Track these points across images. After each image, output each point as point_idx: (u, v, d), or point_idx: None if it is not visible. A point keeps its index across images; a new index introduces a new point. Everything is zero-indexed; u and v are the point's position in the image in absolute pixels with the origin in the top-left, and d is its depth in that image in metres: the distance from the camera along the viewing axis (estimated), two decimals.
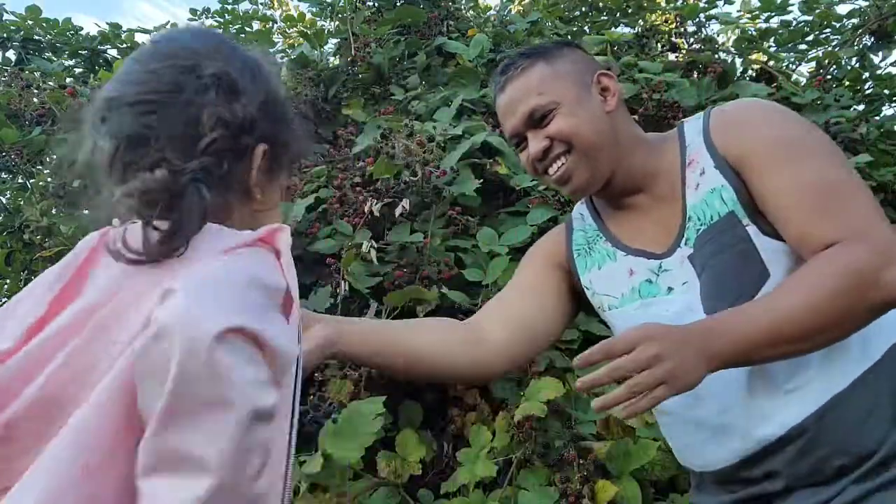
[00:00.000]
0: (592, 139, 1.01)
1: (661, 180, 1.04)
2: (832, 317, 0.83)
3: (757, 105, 1.03)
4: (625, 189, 1.06)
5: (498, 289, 1.66)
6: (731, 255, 0.94)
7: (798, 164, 0.92)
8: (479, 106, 2.33)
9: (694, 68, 2.96)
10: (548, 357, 1.55)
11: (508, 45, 2.61)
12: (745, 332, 0.82)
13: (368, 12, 2.85)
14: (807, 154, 0.93)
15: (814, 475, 0.90)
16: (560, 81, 1.04)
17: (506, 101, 1.07)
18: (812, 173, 0.91)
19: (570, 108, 1.02)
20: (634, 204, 1.07)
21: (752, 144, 0.95)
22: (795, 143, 0.94)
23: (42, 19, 3.05)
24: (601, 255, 1.10)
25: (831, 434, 0.88)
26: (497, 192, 2.13)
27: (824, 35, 3.37)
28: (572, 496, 1.34)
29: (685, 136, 1.04)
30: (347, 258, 1.66)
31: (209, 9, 3.57)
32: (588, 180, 1.04)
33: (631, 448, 1.42)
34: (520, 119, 1.04)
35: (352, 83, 2.66)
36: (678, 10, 3.33)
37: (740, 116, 1.00)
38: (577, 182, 1.04)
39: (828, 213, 0.88)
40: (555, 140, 1.02)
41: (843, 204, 0.89)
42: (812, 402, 0.89)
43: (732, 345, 0.82)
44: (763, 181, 0.93)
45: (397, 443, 1.57)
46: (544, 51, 1.08)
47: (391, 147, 1.84)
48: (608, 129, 1.03)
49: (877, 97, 3.10)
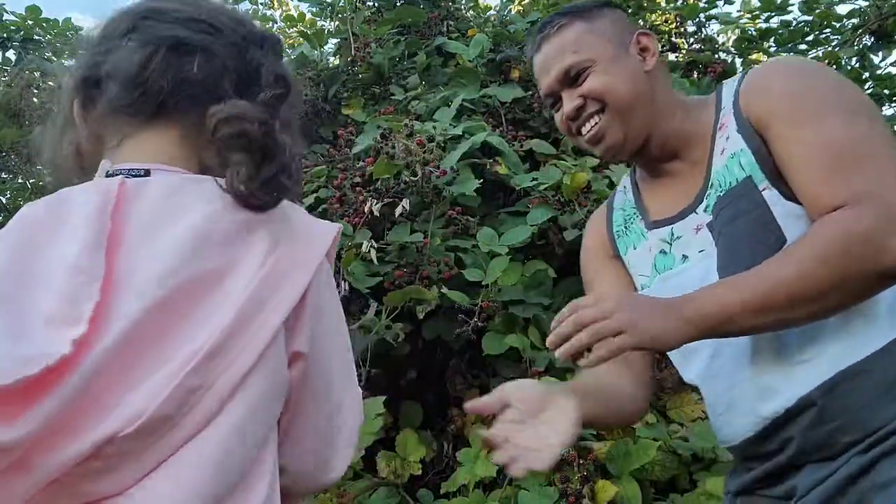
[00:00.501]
0: (627, 98, 0.98)
1: (695, 145, 1.00)
2: (826, 283, 0.79)
3: (782, 63, 1.01)
4: (662, 154, 1.03)
5: (498, 289, 1.66)
6: (747, 221, 0.90)
7: (816, 123, 0.87)
8: (479, 106, 2.33)
9: (694, 68, 2.96)
10: (548, 357, 1.55)
11: (508, 45, 2.61)
12: (723, 297, 0.81)
13: (368, 12, 2.85)
14: (829, 112, 0.88)
15: (823, 449, 0.86)
16: (597, 39, 1.01)
17: (541, 60, 1.04)
18: (831, 131, 0.86)
19: (605, 66, 0.99)
20: (670, 171, 1.04)
21: (772, 104, 0.91)
22: (816, 100, 0.89)
23: (42, 19, 3.05)
24: (636, 234, 1.07)
25: (842, 407, 0.84)
26: (497, 192, 2.13)
27: (824, 35, 3.37)
28: (572, 496, 1.34)
29: (721, 99, 1.00)
30: (347, 258, 1.66)
31: None
32: (621, 140, 1.00)
33: (631, 448, 1.42)
34: (554, 77, 1.01)
35: (352, 83, 2.66)
36: (678, 10, 3.33)
37: (765, 75, 0.96)
38: (609, 141, 1.00)
39: (840, 172, 0.83)
40: (588, 98, 0.99)
41: (858, 164, 0.83)
42: (823, 372, 0.85)
43: (709, 307, 0.81)
44: (780, 141, 0.89)
45: (397, 443, 1.57)
46: (583, 9, 1.05)
47: (391, 147, 1.84)
48: (645, 90, 1.00)
49: (877, 97, 3.11)
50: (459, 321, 1.58)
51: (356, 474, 1.48)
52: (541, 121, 2.34)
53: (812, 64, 0.99)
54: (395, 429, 1.65)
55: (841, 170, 0.84)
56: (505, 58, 2.54)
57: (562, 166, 1.94)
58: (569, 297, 1.80)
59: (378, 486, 1.47)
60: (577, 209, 1.84)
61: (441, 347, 1.95)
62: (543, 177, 1.92)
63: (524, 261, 1.81)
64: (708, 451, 1.48)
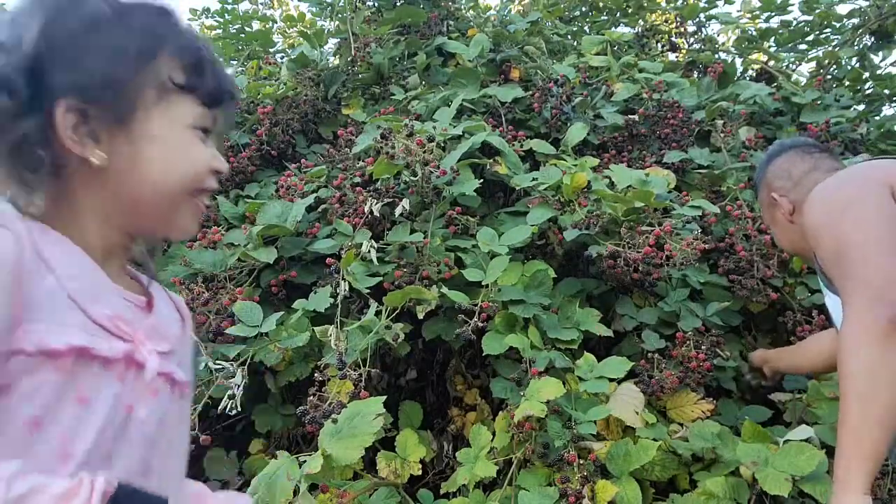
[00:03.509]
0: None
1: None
2: (879, 378, 0.99)
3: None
4: None
5: (498, 289, 1.66)
6: None
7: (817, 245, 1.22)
8: (479, 106, 2.33)
9: (694, 68, 2.96)
10: (548, 357, 1.55)
11: (508, 45, 2.61)
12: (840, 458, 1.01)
13: (368, 12, 2.84)
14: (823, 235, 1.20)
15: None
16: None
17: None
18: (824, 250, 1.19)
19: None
20: None
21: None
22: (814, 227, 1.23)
23: None
24: None
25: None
26: (497, 192, 2.13)
27: (824, 35, 3.37)
28: (572, 496, 1.33)
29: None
30: (347, 258, 1.66)
31: (209, 8, 3.56)
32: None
33: (631, 448, 1.42)
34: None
35: (352, 83, 2.66)
36: (678, 10, 3.33)
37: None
38: None
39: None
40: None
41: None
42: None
43: (849, 473, 0.99)
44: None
45: (397, 443, 1.57)
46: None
47: (391, 147, 1.84)
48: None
49: (877, 97, 3.10)
50: (459, 321, 1.58)
51: (356, 474, 1.48)
52: (541, 121, 2.34)
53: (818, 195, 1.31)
54: (395, 429, 1.65)
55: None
56: (505, 58, 2.54)
57: (562, 166, 1.94)
58: (569, 297, 1.81)
59: (378, 487, 1.47)
60: (577, 209, 1.84)
61: (441, 347, 1.95)
62: (543, 177, 1.92)
63: (524, 261, 1.81)
64: (708, 451, 1.47)
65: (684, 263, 1.73)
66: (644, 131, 2.35)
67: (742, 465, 1.37)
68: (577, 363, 1.59)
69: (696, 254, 1.70)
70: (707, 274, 1.90)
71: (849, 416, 1.00)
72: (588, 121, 2.33)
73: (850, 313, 1.05)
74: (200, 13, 3.57)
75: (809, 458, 1.32)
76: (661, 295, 1.85)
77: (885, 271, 1.03)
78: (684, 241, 1.72)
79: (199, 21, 3.58)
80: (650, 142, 2.36)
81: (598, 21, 3.67)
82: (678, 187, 2.09)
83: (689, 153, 2.23)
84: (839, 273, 1.12)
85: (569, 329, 1.69)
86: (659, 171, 2.03)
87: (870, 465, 0.97)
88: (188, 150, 0.68)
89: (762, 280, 1.87)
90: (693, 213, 1.85)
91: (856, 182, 1.23)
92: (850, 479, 0.97)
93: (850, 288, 1.07)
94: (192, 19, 3.57)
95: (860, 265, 1.07)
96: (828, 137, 2.27)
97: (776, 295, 1.87)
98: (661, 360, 1.69)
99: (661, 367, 1.67)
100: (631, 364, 1.57)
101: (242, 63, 3.23)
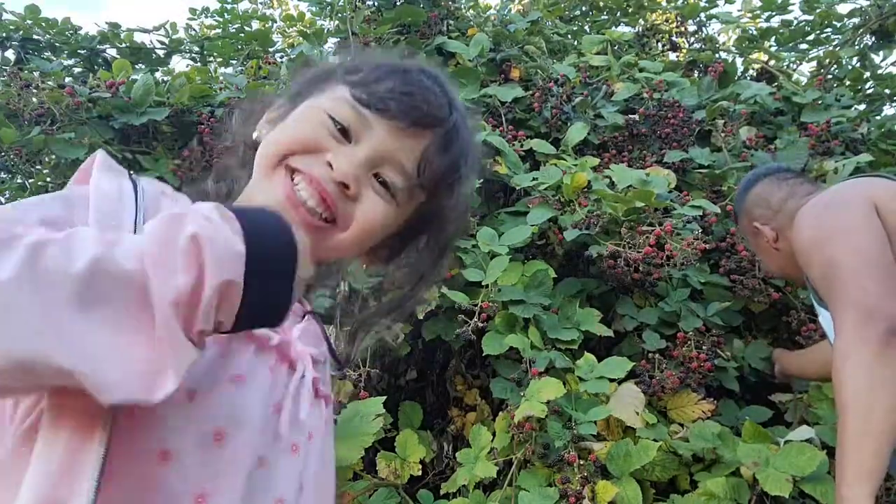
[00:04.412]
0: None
1: None
2: (875, 392, 1.02)
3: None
4: None
5: (498, 289, 1.66)
6: None
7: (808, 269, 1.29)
8: (479, 106, 2.32)
9: (694, 67, 2.96)
10: (548, 357, 1.55)
11: (508, 44, 2.60)
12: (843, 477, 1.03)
13: (368, 12, 2.84)
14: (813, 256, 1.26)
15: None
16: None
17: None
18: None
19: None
20: None
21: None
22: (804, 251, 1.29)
23: (41, 19, 3.04)
24: None
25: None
26: (497, 192, 2.13)
27: (825, 34, 3.36)
28: (572, 497, 1.33)
29: None
30: None
31: (208, 8, 3.55)
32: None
33: (631, 448, 1.42)
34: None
35: None
36: (679, 10, 3.33)
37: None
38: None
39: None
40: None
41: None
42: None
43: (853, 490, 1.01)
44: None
45: (397, 443, 1.57)
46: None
47: None
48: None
49: (878, 97, 3.10)
50: (459, 321, 1.58)
51: (356, 475, 1.48)
52: (541, 121, 2.34)
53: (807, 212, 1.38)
54: (395, 429, 1.65)
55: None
56: (505, 57, 2.53)
57: (562, 166, 1.93)
58: (569, 298, 1.81)
59: (378, 487, 1.47)
60: (578, 209, 1.84)
61: (441, 347, 1.94)
62: (543, 177, 1.91)
63: (524, 261, 1.81)
64: (708, 452, 1.47)
65: (685, 263, 1.73)
66: (644, 131, 2.35)
67: (743, 466, 1.37)
68: (578, 363, 1.59)
69: (696, 254, 1.70)
70: (708, 274, 1.89)
71: (847, 432, 1.03)
72: (588, 120, 2.33)
73: (842, 331, 1.09)
74: (200, 13, 3.57)
75: (810, 458, 1.32)
76: (661, 295, 1.85)
77: (875, 287, 1.08)
78: (685, 240, 1.71)
79: (199, 21, 3.58)
80: (650, 141, 2.36)
81: (598, 20, 3.67)
82: (679, 187, 2.08)
83: (689, 153, 2.23)
84: (831, 293, 1.16)
85: (569, 329, 1.68)
86: (659, 170, 2.02)
87: (873, 482, 1.00)
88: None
89: (763, 280, 1.86)
90: (694, 213, 1.84)
91: (841, 202, 1.29)
92: (854, 495, 1.00)
93: (841, 307, 1.12)
94: (192, 19, 3.57)
95: (851, 284, 1.11)
96: (828, 137, 2.27)
97: (778, 294, 1.86)
98: (662, 361, 1.68)
99: (662, 367, 1.67)
100: (631, 364, 1.57)
101: (242, 63, 3.22)
